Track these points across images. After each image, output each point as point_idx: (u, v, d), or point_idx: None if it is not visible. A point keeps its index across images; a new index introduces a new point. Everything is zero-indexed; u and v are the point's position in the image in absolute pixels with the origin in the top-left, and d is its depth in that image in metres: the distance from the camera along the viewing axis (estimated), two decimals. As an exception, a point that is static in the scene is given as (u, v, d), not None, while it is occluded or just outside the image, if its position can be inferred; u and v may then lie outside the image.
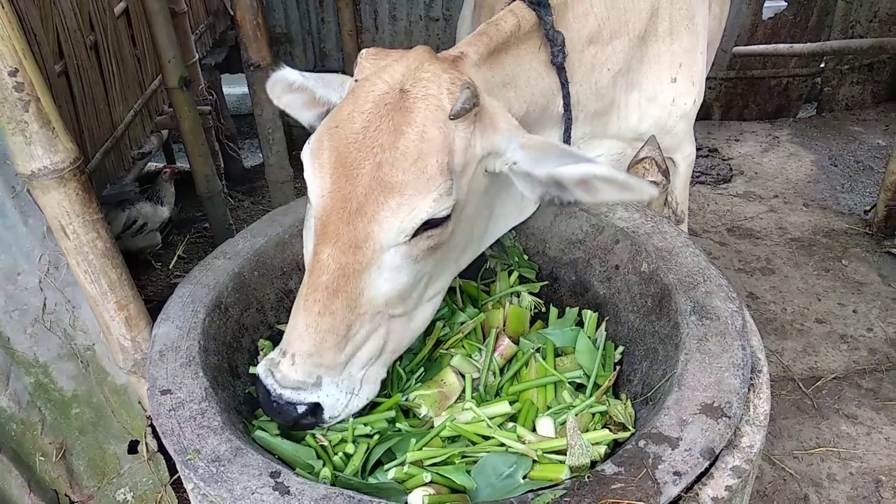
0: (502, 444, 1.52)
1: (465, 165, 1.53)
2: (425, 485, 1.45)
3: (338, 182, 1.46)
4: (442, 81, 1.50)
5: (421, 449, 1.54)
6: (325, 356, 1.47)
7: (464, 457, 1.52)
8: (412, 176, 1.43)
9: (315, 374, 1.47)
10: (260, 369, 1.52)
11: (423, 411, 1.66)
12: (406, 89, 1.49)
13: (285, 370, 1.47)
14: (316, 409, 1.50)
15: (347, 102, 1.52)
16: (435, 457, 1.50)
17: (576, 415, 1.57)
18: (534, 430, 1.60)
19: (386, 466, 1.53)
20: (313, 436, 1.58)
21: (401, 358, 1.76)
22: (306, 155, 1.52)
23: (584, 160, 1.49)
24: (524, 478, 1.44)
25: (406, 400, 1.70)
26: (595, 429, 1.58)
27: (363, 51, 1.62)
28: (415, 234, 1.46)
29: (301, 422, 1.50)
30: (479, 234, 1.80)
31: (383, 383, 1.67)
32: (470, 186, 1.57)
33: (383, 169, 1.43)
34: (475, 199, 1.63)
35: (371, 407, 1.66)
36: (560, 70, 1.85)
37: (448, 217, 1.49)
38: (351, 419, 1.59)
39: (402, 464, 1.52)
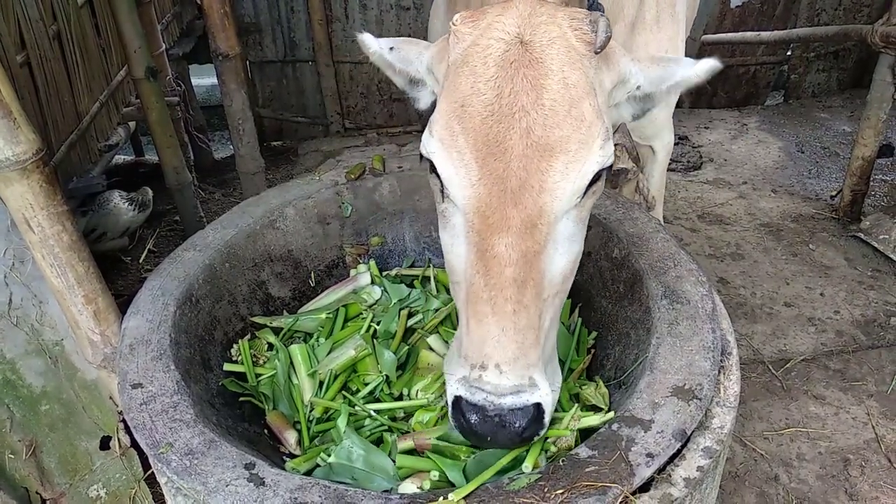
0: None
1: (604, 102, 1.41)
2: (414, 474, 1.46)
3: (486, 164, 1.28)
4: (561, 21, 1.35)
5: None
6: (530, 355, 1.30)
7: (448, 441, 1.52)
8: (571, 129, 1.28)
9: (527, 376, 1.30)
10: (461, 391, 1.31)
11: (429, 399, 1.67)
12: (527, 40, 1.32)
13: (495, 380, 1.28)
14: (538, 412, 1.31)
15: (464, 75, 1.34)
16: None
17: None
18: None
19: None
20: None
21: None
22: (434, 146, 1.34)
23: (683, 61, 1.50)
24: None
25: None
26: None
27: (456, 16, 1.41)
28: (584, 193, 1.33)
29: (525, 434, 1.30)
30: None
31: None
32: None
33: (535, 132, 1.27)
34: None
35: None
36: None
37: (612, 164, 1.36)
38: None
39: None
